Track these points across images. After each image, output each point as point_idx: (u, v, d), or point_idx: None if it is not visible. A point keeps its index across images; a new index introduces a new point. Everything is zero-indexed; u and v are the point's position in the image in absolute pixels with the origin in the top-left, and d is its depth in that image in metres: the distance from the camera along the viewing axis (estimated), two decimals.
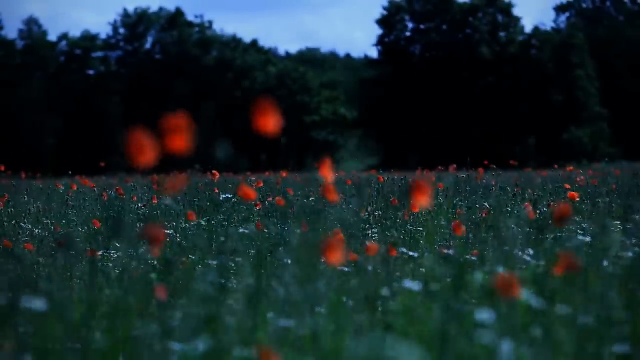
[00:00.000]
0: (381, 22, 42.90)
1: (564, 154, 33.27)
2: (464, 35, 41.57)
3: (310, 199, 6.04)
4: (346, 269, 3.03)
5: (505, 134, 38.93)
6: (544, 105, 39.66)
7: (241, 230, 3.75)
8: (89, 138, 39.75)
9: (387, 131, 39.98)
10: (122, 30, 43.93)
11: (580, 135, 39.01)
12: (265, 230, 4.21)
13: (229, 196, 5.48)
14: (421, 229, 5.09)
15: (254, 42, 44.17)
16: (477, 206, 5.47)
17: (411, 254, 3.84)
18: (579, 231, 4.13)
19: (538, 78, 39.86)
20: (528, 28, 46.80)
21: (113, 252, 4.33)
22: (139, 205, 6.66)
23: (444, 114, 39.81)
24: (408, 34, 42.73)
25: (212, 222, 4.80)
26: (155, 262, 3.57)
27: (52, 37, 46.88)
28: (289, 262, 2.79)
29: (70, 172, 12.65)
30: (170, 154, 1.92)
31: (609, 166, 16.37)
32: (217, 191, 6.52)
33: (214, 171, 5.96)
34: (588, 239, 3.80)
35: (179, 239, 4.46)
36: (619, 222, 4.60)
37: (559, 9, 44.80)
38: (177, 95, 38.16)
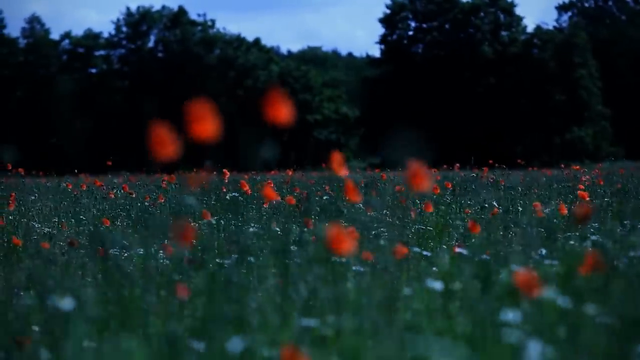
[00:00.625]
0: (383, 21, 42.90)
1: (567, 153, 33.26)
2: (466, 35, 41.55)
3: (324, 198, 6.03)
4: (362, 269, 3.03)
5: (507, 133, 38.92)
6: (546, 104, 39.64)
7: (252, 229, 3.74)
8: (92, 136, 39.73)
9: (389, 130, 39.96)
10: (124, 29, 43.93)
11: (583, 135, 38.98)
12: (277, 229, 4.21)
13: (237, 195, 5.48)
14: (430, 228, 5.08)
15: (256, 41, 44.16)
16: (487, 205, 5.46)
17: (424, 253, 3.84)
18: (591, 230, 4.12)
19: (540, 77, 39.84)
20: (530, 27, 46.75)
21: (123, 251, 4.31)
22: (146, 204, 6.65)
23: (446, 113, 39.80)
24: (410, 32, 42.73)
25: (221, 221, 4.79)
26: (168, 261, 3.56)
27: (55, 35, 46.89)
28: (303, 261, 2.78)
29: (75, 171, 12.63)
30: (193, 145, 1.88)
31: (612, 165, 16.36)
32: (224, 190, 6.51)
33: (224, 170, 5.95)
34: (597, 239, 3.79)
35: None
36: (628, 222, 4.59)
37: (561, 8, 44.77)
38: (179, 93, 38.15)
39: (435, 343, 1.67)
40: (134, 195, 7.40)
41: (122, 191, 8.00)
